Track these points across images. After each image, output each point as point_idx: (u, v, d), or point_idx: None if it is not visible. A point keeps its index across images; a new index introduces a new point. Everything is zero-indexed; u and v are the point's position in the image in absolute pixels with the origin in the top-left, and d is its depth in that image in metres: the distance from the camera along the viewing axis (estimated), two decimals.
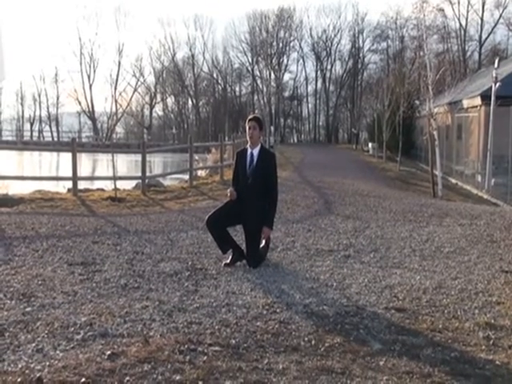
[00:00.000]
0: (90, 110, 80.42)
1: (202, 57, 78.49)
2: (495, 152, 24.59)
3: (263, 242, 7.23)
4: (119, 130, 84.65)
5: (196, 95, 79.62)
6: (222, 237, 7.16)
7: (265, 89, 72.50)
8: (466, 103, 29.55)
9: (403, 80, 35.41)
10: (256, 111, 73.78)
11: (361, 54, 73.63)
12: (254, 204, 7.07)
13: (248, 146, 7.28)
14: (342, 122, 78.11)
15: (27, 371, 3.76)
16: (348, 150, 52.66)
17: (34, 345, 4.21)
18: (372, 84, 53.51)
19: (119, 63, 79.58)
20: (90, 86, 79.67)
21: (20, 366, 3.84)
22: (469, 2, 63.06)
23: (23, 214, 11.07)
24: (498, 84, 24.42)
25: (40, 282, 5.97)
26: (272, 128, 59.86)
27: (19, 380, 3.62)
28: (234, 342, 4.39)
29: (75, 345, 4.24)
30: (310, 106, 79.09)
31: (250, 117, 7.41)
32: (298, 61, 75.91)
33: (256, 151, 7.20)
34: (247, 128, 7.26)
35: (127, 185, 17.39)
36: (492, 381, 3.89)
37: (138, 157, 18.65)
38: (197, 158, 25.05)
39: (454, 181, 29.28)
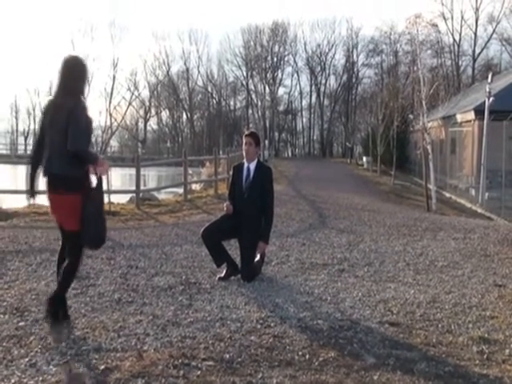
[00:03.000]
0: None
1: (197, 71, 78.66)
2: (489, 166, 24.72)
3: (258, 256, 7.23)
4: (113, 143, 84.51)
5: (190, 109, 79.74)
6: (216, 250, 7.16)
7: (259, 103, 72.70)
8: (459, 118, 29.71)
9: (397, 94, 35.64)
10: (250, 125, 73.98)
11: (355, 69, 73.99)
12: (250, 218, 7.07)
13: (245, 160, 7.30)
14: (336, 136, 78.35)
15: None
16: (342, 163, 52.74)
17: (27, 360, 4.19)
18: (366, 98, 53.68)
19: (114, 77, 79.54)
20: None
21: (13, 381, 3.83)
22: (462, 18, 63.63)
23: (17, 227, 11.04)
24: (491, 99, 24.59)
25: (33, 297, 5.95)
26: (266, 142, 60.01)
27: None
28: (227, 356, 4.38)
29: (69, 359, 4.22)
30: (304, 120, 79.33)
31: (247, 132, 7.42)
32: (292, 75, 76.30)
33: (253, 166, 7.22)
34: (243, 143, 7.28)
35: (121, 198, 17.35)
36: None
37: (133, 170, 18.63)
38: (191, 171, 25.04)
39: (447, 195, 29.36)
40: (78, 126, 4.83)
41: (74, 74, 5.10)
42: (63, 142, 4.81)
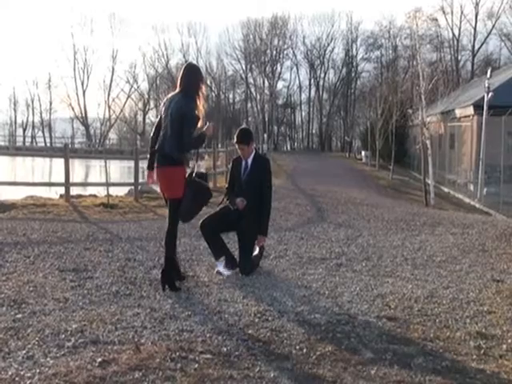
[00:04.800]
0: (83, 115, 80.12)
1: (196, 63, 78.51)
2: (487, 161, 24.74)
3: (256, 249, 7.23)
4: (112, 136, 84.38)
5: None
6: (215, 243, 7.15)
7: (258, 96, 72.66)
8: (458, 113, 29.70)
9: (396, 89, 35.64)
10: (249, 119, 73.98)
11: (354, 63, 73.89)
12: (249, 211, 7.07)
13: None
14: (335, 130, 78.26)
15: (17, 378, 3.74)
16: (341, 158, 52.81)
17: (24, 352, 4.19)
18: (365, 92, 53.70)
19: (113, 69, 79.42)
20: (84, 91, 79.42)
21: (10, 373, 3.82)
22: (462, 12, 63.58)
23: (15, 219, 11.03)
24: (490, 94, 24.57)
25: (31, 289, 5.94)
26: (265, 136, 59.96)
27: None
28: (225, 349, 4.38)
29: (66, 352, 4.22)
30: (303, 113, 79.26)
31: (238, 138, 7.24)
32: (291, 69, 76.10)
33: (250, 159, 7.22)
34: (237, 147, 7.30)
35: (120, 191, 17.35)
36: None
37: (131, 163, 18.58)
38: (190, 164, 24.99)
39: (446, 190, 29.39)
40: (188, 122, 6.07)
41: (191, 77, 6.29)
42: (173, 130, 6.09)
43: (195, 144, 6.37)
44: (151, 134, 6.54)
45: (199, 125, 6.34)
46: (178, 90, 6.32)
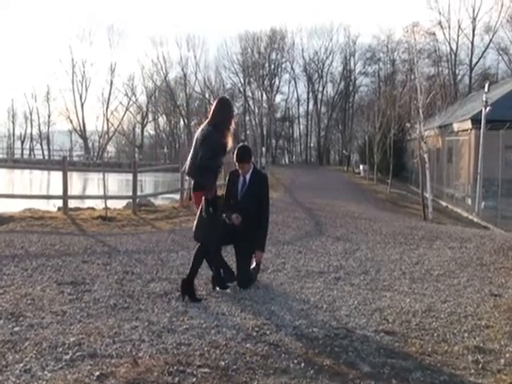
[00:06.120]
0: (82, 128, 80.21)
1: (194, 77, 78.75)
2: (485, 175, 24.77)
3: (254, 263, 7.23)
4: (110, 148, 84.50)
5: (188, 115, 79.65)
6: (213, 256, 7.14)
7: (256, 110, 72.74)
8: (456, 127, 29.77)
9: (394, 103, 35.68)
10: (247, 132, 74.02)
11: (352, 77, 74.08)
12: (246, 225, 7.07)
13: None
14: (333, 143, 78.38)
15: None
16: (339, 171, 52.83)
17: (21, 365, 4.18)
18: (363, 106, 53.80)
19: (111, 82, 79.64)
20: (82, 104, 79.59)
21: None
22: (459, 27, 63.80)
23: (13, 232, 11.02)
24: (488, 108, 24.65)
25: (29, 302, 5.93)
26: (263, 149, 60.01)
27: None
28: (223, 363, 4.38)
29: (63, 365, 4.21)
30: (301, 127, 79.42)
31: (238, 157, 7.21)
32: (289, 82, 76.32)
33: (248, 174, 7.22)
34: (237, 166, 7.28)
35: (118, 204, 17.34)
36: None
37: (129, 176, 18.58)
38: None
39: (444, 203, 29.40)
40: (208, 145, 6.34)
41: (224, 112, 6.54)
42: (196, 157, 6.46)
43: (207, 167, 6.45)
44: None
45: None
46: (208, 120, 6.56)
